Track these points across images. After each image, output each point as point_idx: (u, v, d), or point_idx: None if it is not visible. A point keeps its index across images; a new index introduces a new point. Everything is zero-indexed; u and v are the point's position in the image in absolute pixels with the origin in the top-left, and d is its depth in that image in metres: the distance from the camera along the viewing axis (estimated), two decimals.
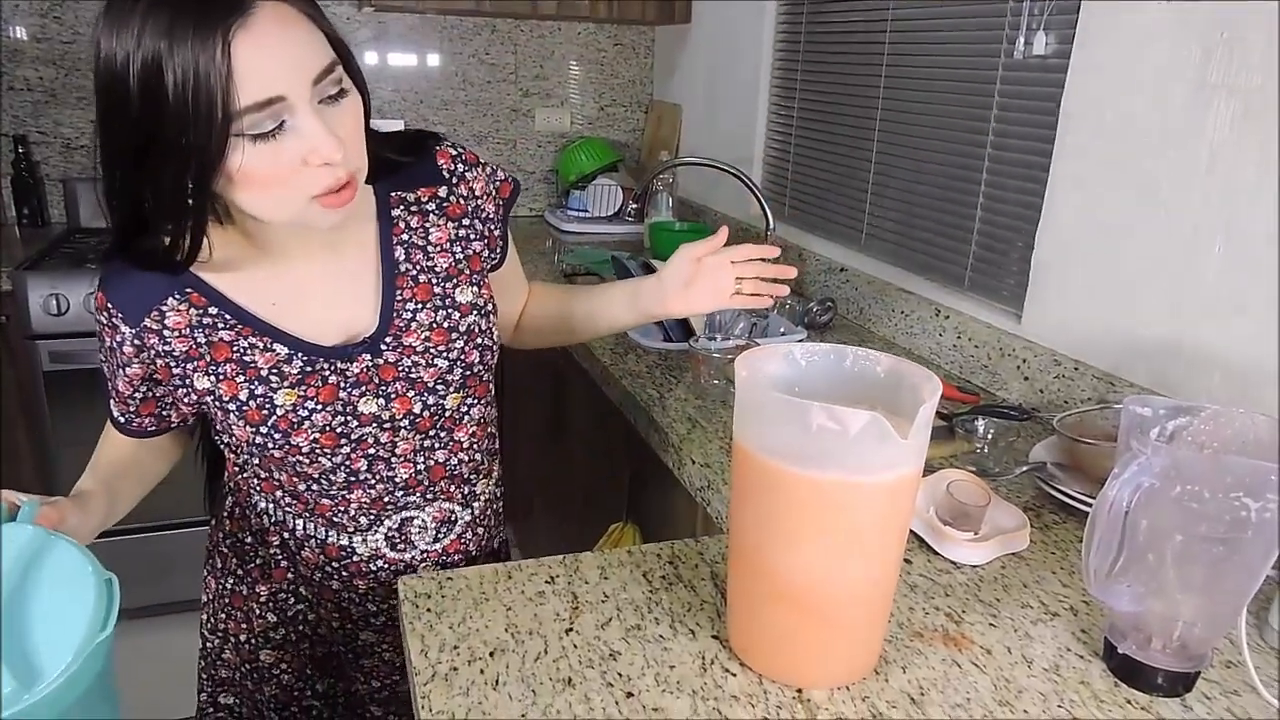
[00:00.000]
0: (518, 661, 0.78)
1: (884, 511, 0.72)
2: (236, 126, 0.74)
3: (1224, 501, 0.70)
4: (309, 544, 1.02)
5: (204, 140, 0.73)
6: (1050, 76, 1.43)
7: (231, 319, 0.90)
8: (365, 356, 0.93)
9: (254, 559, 1.08)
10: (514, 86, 2.97)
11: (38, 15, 2.49)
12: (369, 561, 1.03)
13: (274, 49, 0.74)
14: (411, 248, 0.97)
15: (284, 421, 0.91)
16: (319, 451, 0.94)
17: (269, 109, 0.75)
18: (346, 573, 1.04)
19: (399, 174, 0.96)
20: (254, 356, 0.90)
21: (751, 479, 0.73)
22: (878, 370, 0.78)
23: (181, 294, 0.89)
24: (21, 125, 2.55)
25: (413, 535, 1.03)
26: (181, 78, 0.72)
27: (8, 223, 2.58)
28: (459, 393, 0.99)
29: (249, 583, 1.08)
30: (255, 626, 1.10)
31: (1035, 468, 1.15)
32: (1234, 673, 0.81)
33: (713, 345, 1.58)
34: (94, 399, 2.18)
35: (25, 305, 2.09)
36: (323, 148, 0.77)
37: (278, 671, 1.12)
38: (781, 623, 0.75)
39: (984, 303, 1.62)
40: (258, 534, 1.06)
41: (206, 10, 0.71)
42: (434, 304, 0.97)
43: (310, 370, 0.92)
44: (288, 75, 0.75)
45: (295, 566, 1.05)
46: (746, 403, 0.73)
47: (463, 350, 0.98)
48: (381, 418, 0.95)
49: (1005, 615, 0.88)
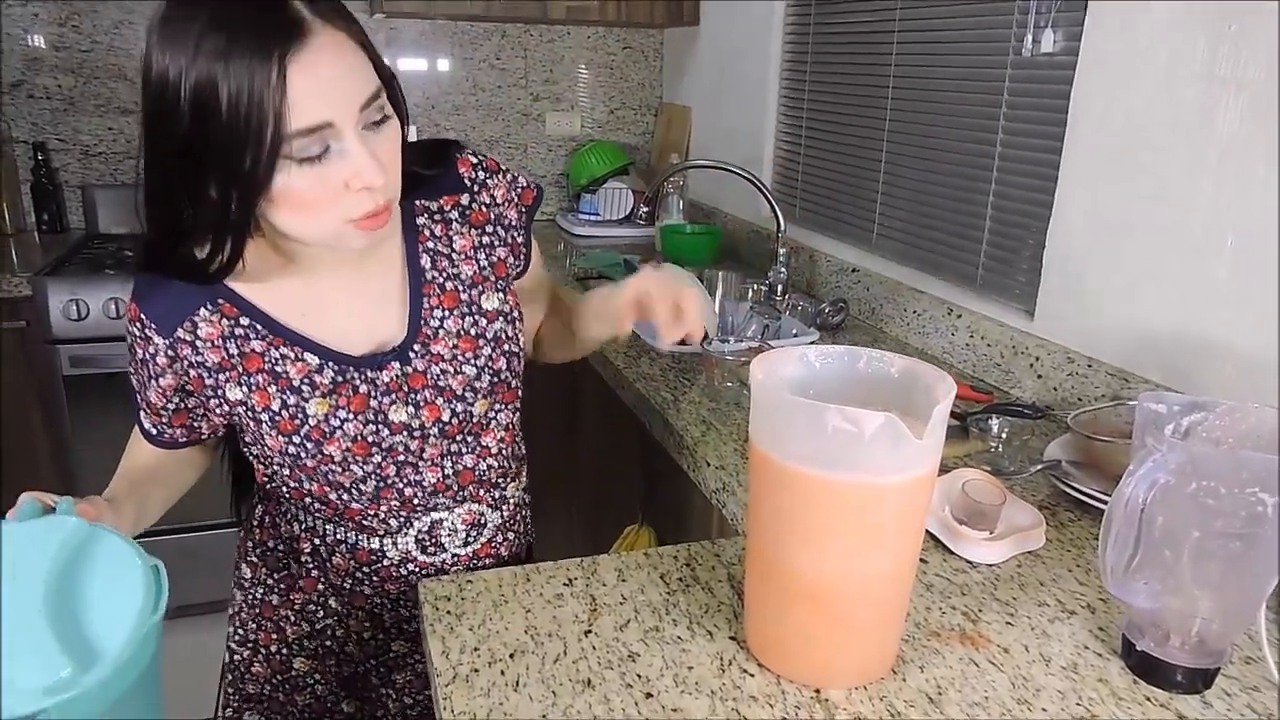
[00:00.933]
0: (538, 663, 0.79)
1: (900, 511, 0.72)
2: (285, 149, 0.75)
3: (1240, 497, 0.70)
4: (339, 549, 1.03)
5: (253, 161, 0.74)
6: (1059, 74, 1.43)
7: (263, 329, 0.91)
8: (394, 365, 0.94)
9: (285, 568, 1.08)
10: (524, 91, 2.98)
11: (56, 24, 2.52)
12: (400, 565, 1.04)
13: (326, 76, 0.75)
14: (437, 256, 0.97)
15: (316, 431, 0.92)
16: (351, 459, 0.95)
17: (317, 134, 0.76)
18: (377, 578, 1.04)
19: (421, 185, 0.96)
20: (285, 367, 0.91)
21: (768, 481, 0.74)
22: (892, 371, 0.78)
23: (214, 304, 0.90)
24: (41, 132, 2.58)
25: (443, 538, 1.04)
26: (235, 99, 0.72)
27: (28, 229, 2.61)
28: (487, 399, 1.00)
29: (280, 591, 1.08)
30: (288, 635, 1.10)
31: (1050, 466, 1.15)
32: (1254, 669, 0.81)
33: (726, 348, 1.59)
34: (113, 403, 2.20)
35: (45, 310, 2.12)
36: (366, 173, 0.78)
37: (311, 681, 1.12)
38: (799, 623, 0.76)
39: (996, 301, 1.62)
40: (288, 542, 1.07)
41: (264, 34, 0.72)
42: (460, 311, 0.97)
43: (341, 380, 0.92)
44: (337, 102, 0.76)
45: (326, 575, 1.06)
46: (762, 405, 0.74)
47: (490, 357, 0.99)
48: (411, 425, 0.96)
49: (1022, 614, 0.88)
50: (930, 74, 1.76)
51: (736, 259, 2.49)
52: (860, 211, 2.02)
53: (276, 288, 0.92)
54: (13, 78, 2.53)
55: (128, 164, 2.68)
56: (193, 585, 2.39)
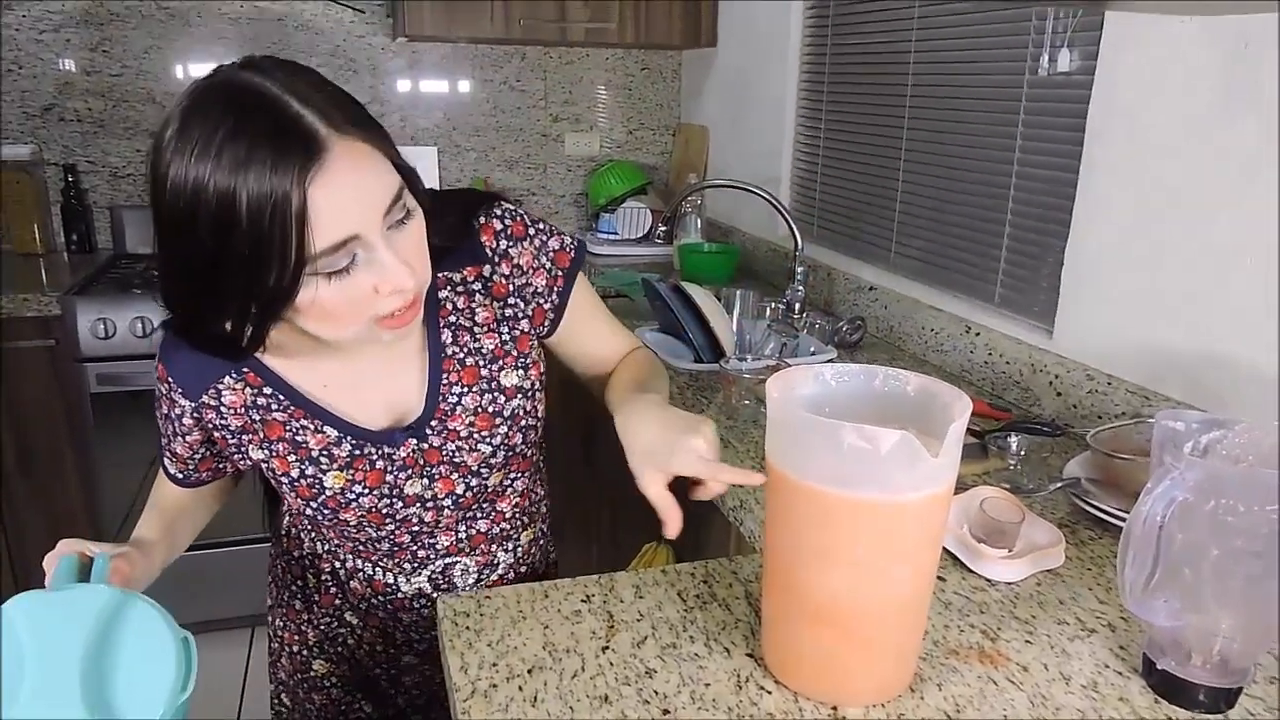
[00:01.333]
0: (555, 679, 0.79)
1: (917, 529, 0.72)
2: (311, 267, 0.74)
3: (1259, 515, 0.69)
4: (357, 576, 1.06)
5: (277, 279, 0.73)
6: (1075, 93, 1.43)
7: (285, 400, 0.92)
8: (411, 441, 0.95)
9: (307, 579, 1.12)
10: (544, 112, 3.02)
11: (87, 49, 2.58)
12: (413, 599, 1.07)
13: (349, 190, 0.73)
14: (459, 330, 0.96)
15: (332, 501, 0.94)
16: (366, 524, 0.97)
17: (344, 248, 0.74)
18: (391, 606, 1.07)
19: (445, 256, 0.93)
20: (305, 437, 0.92)
21: (785, 498, 0.74)
22: (908, 389, 0.78)
23: (238, 374, 0.91)
24: (71, 155, 2.64)
25: (455, 578, 1.06)
26: (256, 216, 0.70)
27: (57, 249, 2.66)
28: (501, 471, 1.01)
29: (303, 598, 1.12)
30: (309, 638, 1.13)
31: (1069, 484, 1.14)
32: (1278, 689, 0.80)
33: (743, 366, 1.60)
34: (139, 420, 2.23)
35: (74, 329, 2.15)
36: (395, 278, 0.78)
37: (328, 684, 1.15)
38: (816, 641, 0.76)
39: (1014, 319, 1.62)
40: (310, 559, 1.10)
41: (283, 153, 0.70)
42: (480, 388, 0.97)
43: (359, 454, 0.94)
44: (361, 213, 0.75)
45: (344, 593, 1.09)
46: (778, 423, 0.74)
47: (506, 435, 0.99)
48: (424, 497, 0.98)
49: (1042, 632, 0.87)
50: (947, 93, 1.77)
51: (754, 277, 2.50)
52: (878, 230, 2.03)
53: (300, 360, 0.92)
54: (44, 101, 2.58)
55: None
56: (214, 601, 2.41)
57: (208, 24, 2.66)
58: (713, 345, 1.71)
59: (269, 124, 0.71)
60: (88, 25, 2.57)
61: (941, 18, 1.77)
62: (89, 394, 2.19)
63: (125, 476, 2.26)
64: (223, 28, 2.67)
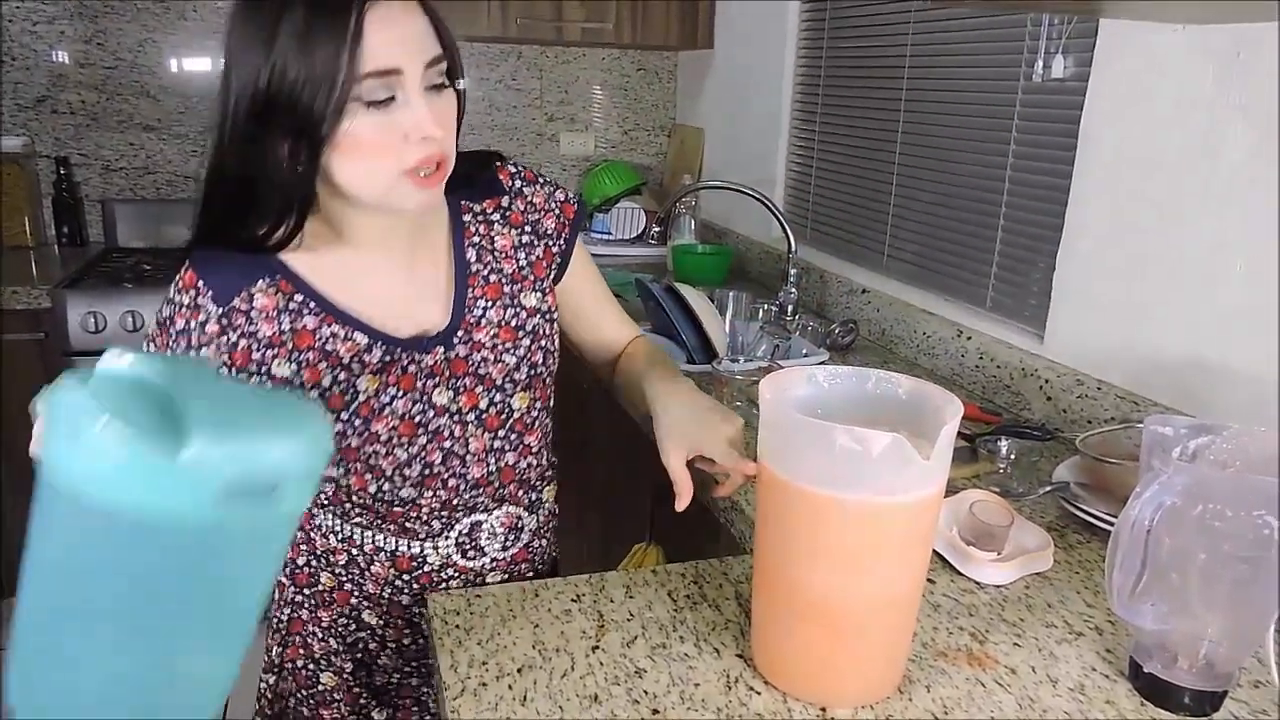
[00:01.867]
0: (545, 678, 0.79)
1: (907, 531, 0.72)
2: (355, 91, 0.81)
3: (1247, 520, 0.70)
4: (379, 558, 1.04)
5: (325, 98, 0.80)
6: (1069, 99, 1.44)
7: (316, 306, 0.93)
8: (439, 349, 0.98)
9: (315, 584, 1.08)
10: (539, 112, 3.02)
11: (81, 41, 2.57)
12: (440, 570, 1.05)
13: (397, 27, 0.82)
14: (481, 250, 1.02)
15: (365, 408, 0.94)
16: (396, 441, 0.96)
17: (385, 78, 0.82)
18: (418, 585, 1.05)
19: (467, 187, 1.02)
20: (336, 345, 0.94)
21: (775, 499, 0.75)
22: (899, 392, 0.79)
23: (271, 278, 0.92)
24: (63, 147, 2.62)
25: (482, 541, 1.06)
26: (314, 41, 0.79)
27: (48, 242, 2.65)
28: (525, 393, 1.04)
29: (309, 608, 1.08)
30: (315, 651, 1.10)
31: (1058, 487, 1.15)
32: (1262, 693, 0.80)
33: (735, 367, 1.60)
34: None
35: (64, 322, 2.14)
36: (425, 123, 0.84)
37: (338, 697, 1.12)
38: (806, 641, 0.76)
39: (1006, 323, 1.62)
40: (322, 556, 1.06)
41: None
42: (503, 303, 1.02)
43: (389, 359, 0.96)
44: (405, 52, 0.83)
45: (362, 586, 1.06)
46: (770, 424, 0.75)
47: (529, 349, 1.03)
48: (451, 409, 0.99)
49: (1030, 635, 0.88)
50: (941, 98, 1.77)
51: (747, 279, 2.50)
52: (871, 233, 2.03)
53: (331, 267, 0.95)
54: (37, 93, 2.57)
55: (147, 179, 2.72)
56: None
57: (203, 17, 2.65)
58: (705, 346, 1.72)
59: None
60: (82, 17, 2.56)
61: (937, 22, 1.78)
62: None
63: None
64: (218, 21, 2.66)
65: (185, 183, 2.76)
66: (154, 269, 2.40)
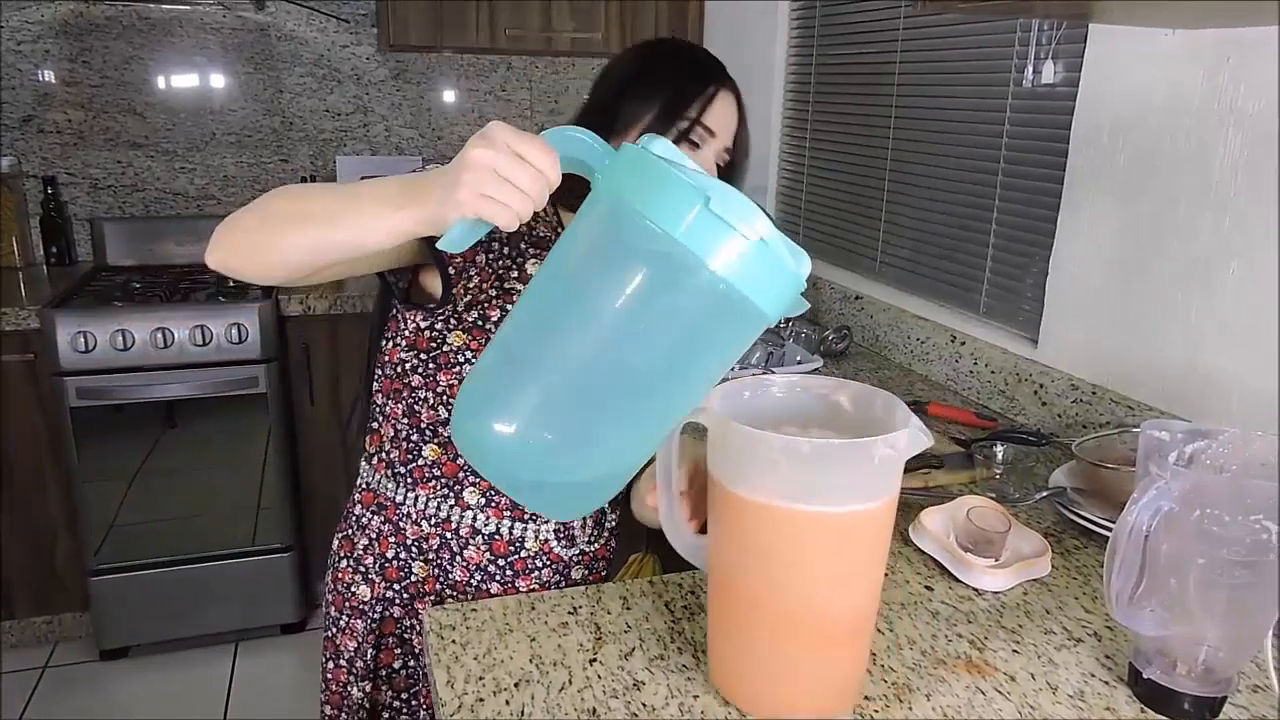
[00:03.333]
0: (542, 692, 0.78)
1: (856, 541, 0.71)
2: (675, 123, 1.01)
3: (1244, 524, 0.70)
4: (475, 541, 1.04)
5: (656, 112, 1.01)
6: (1060, 104, 1.44)
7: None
8: None
9: (407, 576, 1.07)
10: (529, 122, 3.01)
11: (67, 60, 2.56)
12: (535, 558, 1.06)
13: (727, 113, 1.06)
14: None
15: None
16: None
17: (694, 129, 1.02)
18: (511, 570, 1.06)
19: None
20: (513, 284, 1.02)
21: (718, 507, 0.74)
22: (841, 399, 0.79)
23: None
24: (51, 166, 2.61)
25: (575, 531, 1.08)
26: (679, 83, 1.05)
27: (36, 261, 2.63)
28: None
29: (401, 603, 1.09)
30: (415, 648, 1.11)
31: (1055, 493, 1.15)
32: (1261, 697, 0.80)
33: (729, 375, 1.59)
34: (120, 435, 2.21)
35: (53, 342, 2.13)
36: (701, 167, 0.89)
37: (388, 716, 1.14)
38: (764, 653, 0.75)
39: (1000, 328, 1.63)
40: (413, 545, 1.06)
41: (708, 73, 1.06)
42: None
43: None
44: (719, 125, 1.04)
45: (450, 574, 1.05)
46: (714, 435, 0.73)
47: None
48: None
49: (1028, 642, 0.88)
50: (932, 104, 1.78)
51: None
52: (864, 239, 2.03)
53: None
54: (23, 112, 2.56)
55: (136, 197, 2.71)
56: (205, 615, 2.39)
57: (189, 34, 2.64)
58: None
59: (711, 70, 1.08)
60: (67, 36, 2.55)
61: (927, 28, 1.78)
62: (69, 408, 2.16)
63: (106, 491, 2.24)
64: (205, 38, 2.66)
65: (174, 200, 2.75)
66: (144, 287, 2.39)
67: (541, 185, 0.68)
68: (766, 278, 0.63)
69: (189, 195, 2.76)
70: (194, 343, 2.21)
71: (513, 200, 0.68)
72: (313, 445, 2.44)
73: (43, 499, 2.25)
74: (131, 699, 2.22)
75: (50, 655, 2.37)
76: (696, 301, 0.63)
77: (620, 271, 0.64)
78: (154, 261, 2.67)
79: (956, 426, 1.48)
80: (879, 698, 0.79)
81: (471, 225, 0.70)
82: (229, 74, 2.71)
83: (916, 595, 0.95)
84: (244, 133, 2.76)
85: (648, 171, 0.63)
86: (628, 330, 0.64)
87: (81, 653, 2.37)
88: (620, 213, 0.64)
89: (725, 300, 0.62)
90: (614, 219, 0.65)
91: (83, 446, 2.20)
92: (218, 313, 2.23)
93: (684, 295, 0.62)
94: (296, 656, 2.42)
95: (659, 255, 0.61)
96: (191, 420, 2.28)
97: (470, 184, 0.67)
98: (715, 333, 0.66)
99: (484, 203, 0.68)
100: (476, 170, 0.67)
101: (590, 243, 0.67)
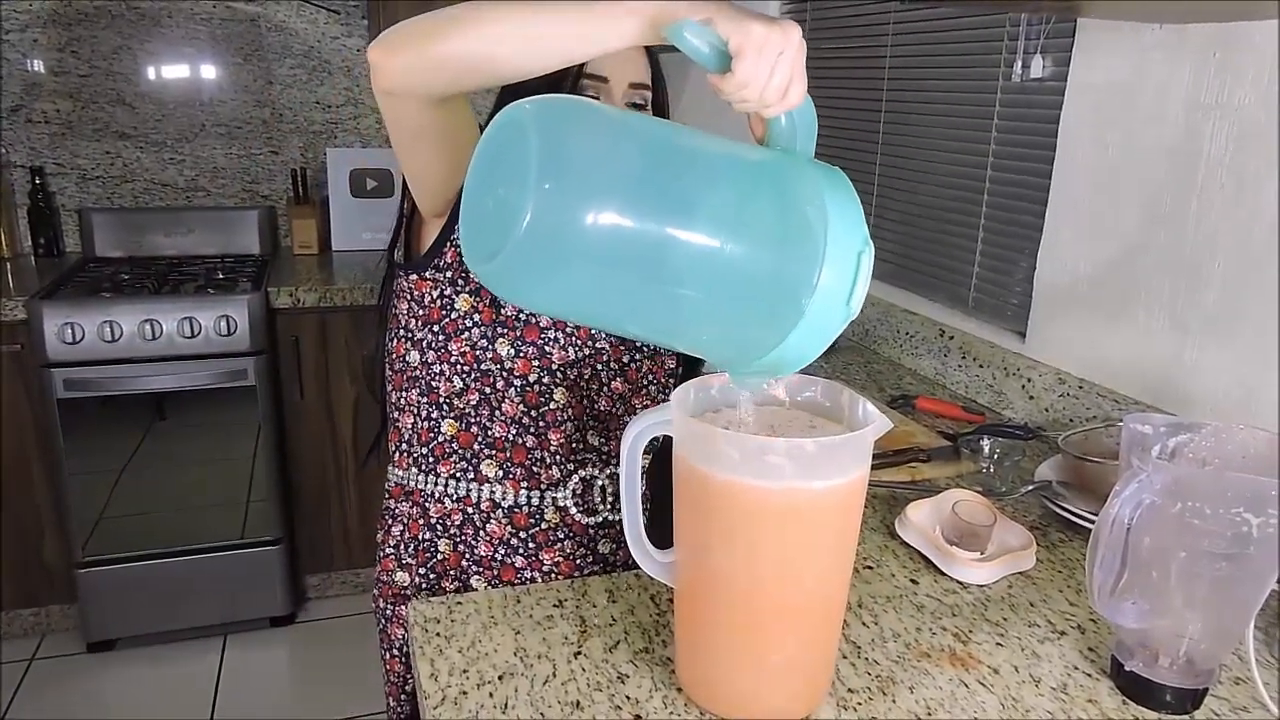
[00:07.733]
0: (526, 685, 0.78)
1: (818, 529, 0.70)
2: (566, 86, 0.94)
3: (1225, 517, 0.70)
4: (495, 515, 1.05)
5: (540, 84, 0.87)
6: (1048, 99, 1.44)
7: None
8: None
9: (433, 556, 1.08)
10: None
11: (55, 49, 2.54)
12: (556, 529, 1.06)
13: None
14: None
15: (532, 331, 1.00)
16: (564, 334, 1.01)
17: (594, 82, 0.97)
18: (534, 543, 1.06)
19: None
20: None
21: (681, 491, 0.74)
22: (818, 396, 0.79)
23: None
24: (39, 157, 2.60)
25: (595, 499, 1.07)
26: None
27: (24, 252, 2.62)
28: (653, 360, 1.10)
29: (429, 583, 1.09)
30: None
31: (1041, 486, 1.15)
32: (1242, 689, 0.81)
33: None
34: (107, 426, 2.20)
35: (40, 333, 2.12)
36: None
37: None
38: (723, 653, 0.74)
39: (988, 323, 1.63)
40: (437, 524, 1.07)
41: None
42: None
43: None
44: (617, 68, 0.97)
45: (474, 549, 1.06)
46: (678, 428, 0.73)
47: None
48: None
49: (1012, 634, 0.88)
50: (922, 98, 1.78)
51: None
52: None
53: None
54: (11, 102, 2.54)
55: (125, 188, 2.70)
56: (187, 609, 2.38)
57: (179, 24, 2.63)
58: None
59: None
60: (56, 25, 2.53)
61: (917, 23, 1.78)
62: (56, 400, 2.15)
63: (94, 483, 2.23)
64: (194, 28, 2.64)
65: (163, 191, 2.74)
66: (132, 278, 2.38)
67: (773, 100, 0.70)
68: (813, 340, 0.66)
69: (178, 186, 2.75)
70: (183, 335, 2.20)
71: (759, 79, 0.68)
72: (302, 438, 2.44)
73: (30, 491, 2.24)
74: (119, 692, 2.22)
75: (37, 648, 2.36)
76: (772, 288, 0.65)
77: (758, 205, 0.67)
78: (143, 253, 2.65)
79: (944, 420, 1.48)
80: (862, 690, 0.79)
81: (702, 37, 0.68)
82: (219, 65, 2.69)
83: (902, 588, 0.96)
84: (234, 124, 2.75)
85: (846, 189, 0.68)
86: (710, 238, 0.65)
87: (69, 645, 2.36)
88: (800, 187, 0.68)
89: (785, 305, 0.64)
90: (794, 188, 0.68)
91: (70, 438, 2.19)
92: (207, 305, 2.22)
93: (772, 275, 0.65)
94: (285, 650, 2.42)
95: (802, 228, 0.64)
96: (180, 413, 2.27)
97: (758, 33, 0.66)
98: (751, 311, 0.67)
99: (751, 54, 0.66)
100: (770, 36, 0.66)
101: (754, 174, 0.72)
